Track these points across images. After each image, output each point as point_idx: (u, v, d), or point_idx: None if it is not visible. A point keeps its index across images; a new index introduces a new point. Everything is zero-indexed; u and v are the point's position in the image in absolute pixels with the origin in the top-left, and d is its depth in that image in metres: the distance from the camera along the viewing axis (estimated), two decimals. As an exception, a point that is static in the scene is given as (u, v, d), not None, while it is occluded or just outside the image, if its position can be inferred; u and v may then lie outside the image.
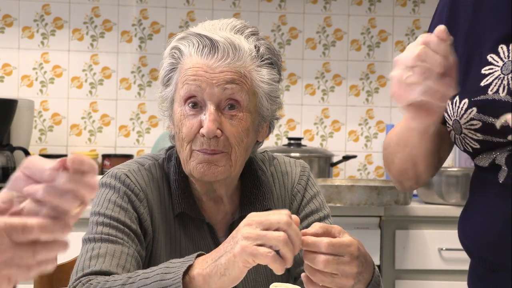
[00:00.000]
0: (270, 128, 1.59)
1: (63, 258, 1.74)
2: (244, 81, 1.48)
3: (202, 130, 1.46)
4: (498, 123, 1.26)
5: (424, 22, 3.63)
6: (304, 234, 1.29)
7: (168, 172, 1.57)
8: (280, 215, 1.26)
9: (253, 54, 1.49)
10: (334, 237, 1.30)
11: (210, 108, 1.46)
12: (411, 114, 1.27)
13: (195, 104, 1.48)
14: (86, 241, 1.47)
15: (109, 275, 1.39)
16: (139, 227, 1.49)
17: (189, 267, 1.31)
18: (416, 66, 1.18)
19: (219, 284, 1.29)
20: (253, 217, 1.28)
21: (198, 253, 1.35)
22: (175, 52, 1.52)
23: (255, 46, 1.50)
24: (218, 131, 1.46)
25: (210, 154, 1.47)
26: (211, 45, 1.47)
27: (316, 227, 1.30)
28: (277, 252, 1.24)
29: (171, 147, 1.61)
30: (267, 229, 1.25)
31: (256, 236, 1.24)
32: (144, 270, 1.37)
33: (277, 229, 1.24)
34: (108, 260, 1.42)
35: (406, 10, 3.64)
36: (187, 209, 1.53)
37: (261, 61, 1.51)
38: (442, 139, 1.44)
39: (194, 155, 1.49)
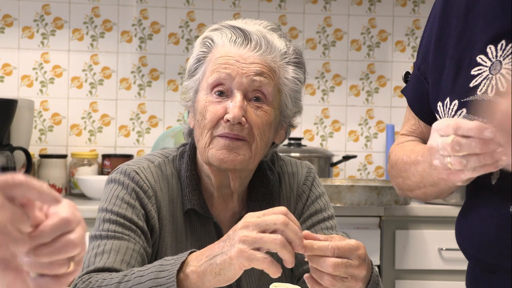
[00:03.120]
0: (286, 134, 1.60)
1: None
2: (273, 75, 1.51)
3: (228, 116, 1.47)
4: None
5: (424, 22, 3.62)
6: (306, 237, 1.27)
7: (179, 169, 1.57)
8: (277, 216, 1.24)
9: (283, 50, 1.52)
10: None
11: (237, 95, 1.48)
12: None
13: (222, 92, 1.49)
14: (92, 238, 1.48)
15: (113, 271, 1.39)
16: (146, 224, 1.50)
17: (183, 264, 1.31)
18: (452, 155, 1.17)
19: (214, 283, 1.29)
20: (250, 217, 1.27)
21: (191, 250, 1.34)
22: (207, 41, 1.54)
23: (286, 44, 1.53)
24: (243, 119, 1.47)
25: (232, 139, 1.48)
26: (244, 36, 1.50)
27: (319, 236, 1.30)
28: (276, 254, 1.24)
29: (184, 145, 1.61)
30: (264, 231, 1.24)
31: (252, 239, 1.23)
32: (139, 268, 1.37)
33: (274, 230, 1.23)
34: (113, 256, 1.43)
35: (406, 10, 3.64)
36: (196, 206, 1.53)
37: (290, 59, 1.54)
38: None
39: (214, 141, 1.49)
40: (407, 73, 1.60)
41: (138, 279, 1.33)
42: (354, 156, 3.41)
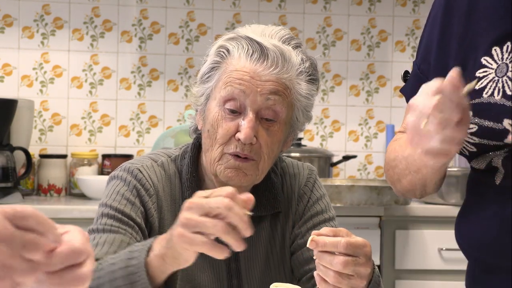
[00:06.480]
0: (293, 139, 1.60)
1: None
2: (287, 93, 1.49)
3: (239, 135, 1.46)
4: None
5: (424, 22, 3.62)
6: (318, 235, 1.27)
7: (181, 170, 1.57)
8: (220, 199, 1.18)
9: (301, 68, 1.50)
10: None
11: (250, 114, 1.46)
12: (429, 158, 1.21)
13: (234, 110, 1.48)
14: (90, 232, 1.49)
15: None
16: (144, 222, 1.50)
17: (149, 250, 1.29)
18: (433, 115, 1.13)
19: (175, 266, 1.27)
20: (196, 198, 1.21)
21: (157, 236, 1.33)
22: (222, 51, 1.51)
23: (301, 59, 1.50)
24: (254, 139, 1.47)
25: (241, 160, 1.47)
26: (261, 51, 1.47)
27: (326, 230, 1.28)
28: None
29: (186, 145, 1.61)
30: (207, 214, 1.18)
31: (194, 223, 1.18)
32: (112, 256, 1.36)
33: (218, 214, 1.17)
34: (106, 248, 1.43)
35: (406, 10, 3.64)
36: None
37: (306, 75, 1.51)
38: None
39: (224, 158, 1.48)
40: (406, 72, 1.60)
41: (110, 266, 1.32)
42: (354, 156, 3.41)
